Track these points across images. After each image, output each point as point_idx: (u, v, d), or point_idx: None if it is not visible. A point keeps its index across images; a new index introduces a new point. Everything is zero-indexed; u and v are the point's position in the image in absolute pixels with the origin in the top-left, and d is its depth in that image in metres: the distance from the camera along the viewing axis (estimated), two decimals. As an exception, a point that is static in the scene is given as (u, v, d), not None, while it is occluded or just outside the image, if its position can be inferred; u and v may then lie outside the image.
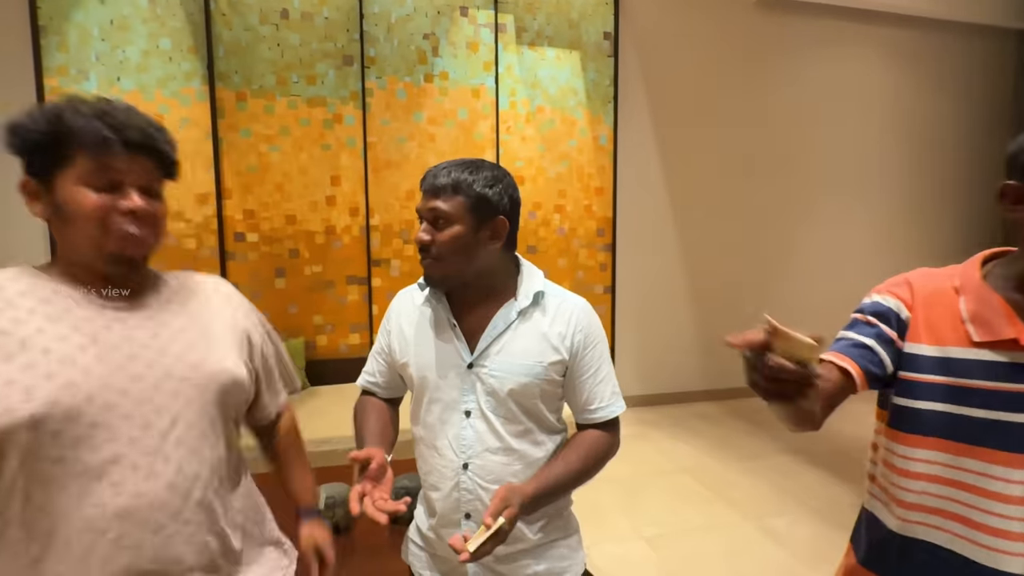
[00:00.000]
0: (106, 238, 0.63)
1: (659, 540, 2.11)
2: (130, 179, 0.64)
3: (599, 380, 0.85)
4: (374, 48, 2.92)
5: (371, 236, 3.01)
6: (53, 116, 0.62)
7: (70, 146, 0.62)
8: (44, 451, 0.56)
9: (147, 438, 0.62)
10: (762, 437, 3.15)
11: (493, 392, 0.81)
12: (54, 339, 0.59)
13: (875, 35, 3.92)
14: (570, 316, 0.84)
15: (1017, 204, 0.65)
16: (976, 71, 4.22)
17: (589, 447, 0.84)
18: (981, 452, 0.65)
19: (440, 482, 0.83)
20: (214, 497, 0.68)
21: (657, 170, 3.62)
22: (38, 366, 0.57)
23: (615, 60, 3.31)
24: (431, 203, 0.79)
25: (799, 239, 3.98)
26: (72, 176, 0.62)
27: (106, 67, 2.57)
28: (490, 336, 0.82)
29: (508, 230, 0.82)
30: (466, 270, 0.80)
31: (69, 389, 0.58)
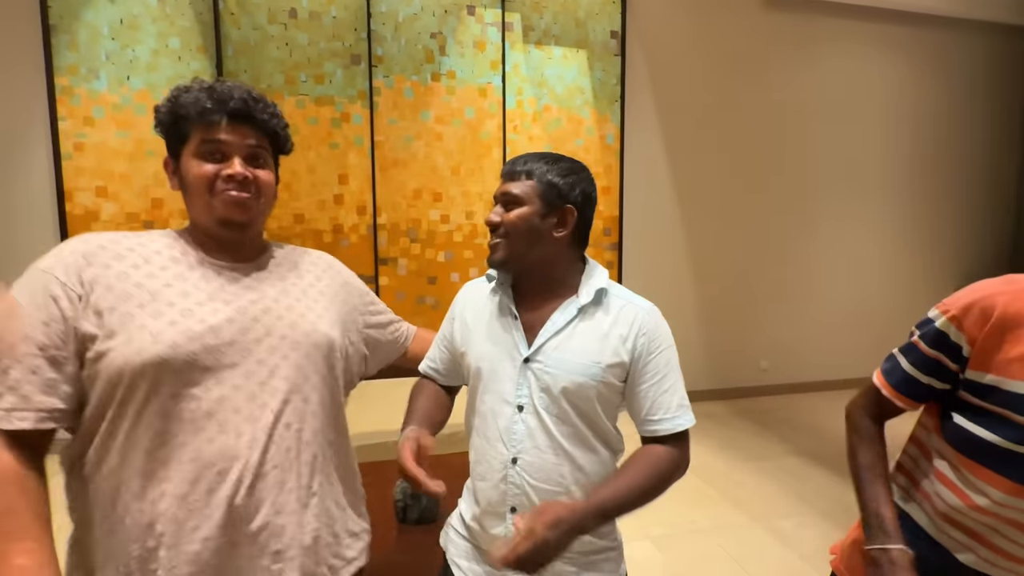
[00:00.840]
0: (213, 204, 0.71)
1: (665, 540, 2.10)
2: (234, 149, 0.72)
3: (664, 389, 0.80)
4: (381, 47, 2.93)
5: (378, 235, 3.01)
6: (173, 97, 0.72)
7: (186, 122, 0.71)
8: (165, 387, 0.64)
9: (248, 385, 0.69)
10: (769, 438, 3.13)
11: (547, 389, 0.79)
12: (178, 294, 0.68)
13: (882, 33, 3.89)
14: (634, 318, 0.81)
15: None
16: (983, 69, 4.18)
17: (653, 464, 0.78)
18: None
19: (488, 473, 0.82)
20: (306, 450, 0.73)
21: (663, 169, 3.61)
22: (164, 315, 0.66)
23: (622, 59, 3.30)
24: (505, 187, 0.82)
25: (807, 238, 3.95)
26: (190, 149, 0.71)
27: (116, 66, 2.59)
28: (549, 331, 0.80)
29: (576, 221, 0.82)
30: (529, 254, 0.81)
31: (187, 335, 0.66)
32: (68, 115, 2.55)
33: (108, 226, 2.65)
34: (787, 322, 3.92)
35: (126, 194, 2.66)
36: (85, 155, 2.60)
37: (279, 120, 0.78)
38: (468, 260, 3.13)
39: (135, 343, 0.63)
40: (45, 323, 0.62)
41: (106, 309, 0.64)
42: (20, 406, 0.61)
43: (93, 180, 2.62)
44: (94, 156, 2.61)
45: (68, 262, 0.65)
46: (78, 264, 0.65)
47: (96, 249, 0.67)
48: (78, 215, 2.61)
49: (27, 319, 0.62)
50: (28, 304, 0.63)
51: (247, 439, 0.67)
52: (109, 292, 0.64)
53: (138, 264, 0.68)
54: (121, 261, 0.67)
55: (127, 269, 0.67)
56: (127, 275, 0.66)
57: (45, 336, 0.62)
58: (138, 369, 0.63)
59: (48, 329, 0.62)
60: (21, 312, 0.62)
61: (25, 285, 0.64)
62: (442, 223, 3.08)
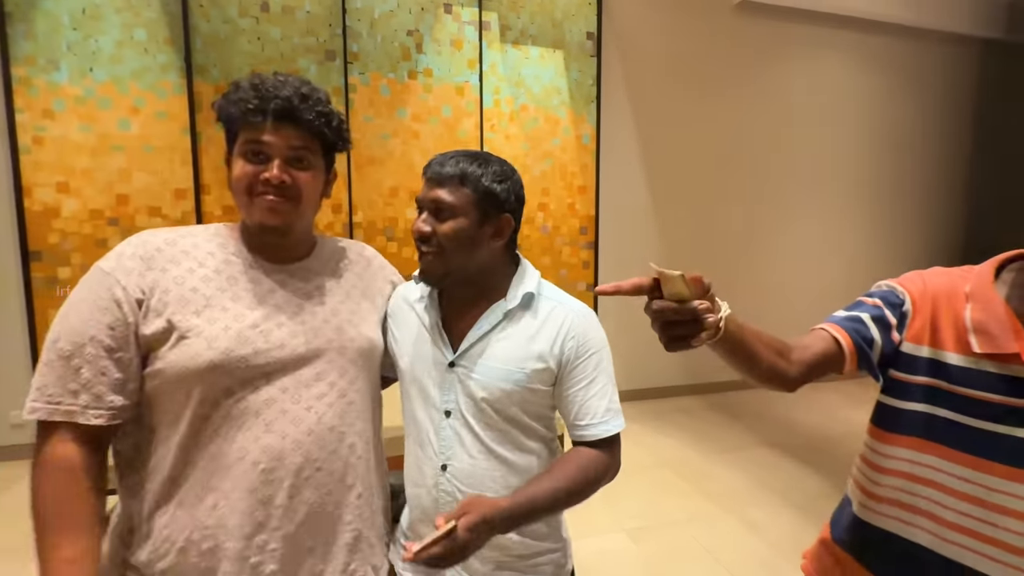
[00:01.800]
0: (251, 208, 0.72)
1: (640, 533, 2.14)
2: (275, 151, 0.70)
3: (592, 394, 0.77)
4: (357, 44, 2.90)
5: (354, 233, 2.98)
6: (226, 93, 0.71)
7: (235, 121, 0.71)
8: (219, 387, 0.67)
9: (295, 388, 0.71)
10: (740, 430, 3.22)
11: (471, 395, 0.76)
12: (230, 299, 0.70)
13: (848, 40, 4.04)
14: (563, 321, 0.78)
15: None
16: (942, 76, 4.39)
17: (579, 466, 0.75)
18: (975, 461, 0.64)
19: (421, 479, 0.80)
20: (349, 454, 0.75)
21: (638, 169, 3.67)
22: (219, 321, 0.68)
23: (598, 60, 3.34)
24: (435, 192, 0.75)
25: (775, 237, 4.08)
26: (237, 149, 0.71)
27: (78, 57, 2.49)
28: (473, 336, 0.78)
29: (512, 229, 0.79)
30: (466, 266, 0.76)
31: (239, 340, 0.68)
32: (26, 107, 2.45)
33: (70, 223, 2.55)
34: (757, 318, 4.00)
35: (89, 190, 2.57)
36: (45, 149, 2.50)
37: (329, 118, 0.74)
38: (446, 259, 3.13)
39: (192, 348, 0.66)
40: (111, 326, 0.65)
41: (167, 314, 0.67)
42: (94, 404, 0.64)
43: (53, 175, 2.52)
44: (54, 150, 2.51)
45: (129, 267, 0.67)
46: (138, 268, 0.67)
47: (154, 252, 0.69)
48: (37, 211, 2.51)
49: (94, 321, 0.64)
50: (93, 306, 0.65)
51: (291, 440, 0.70)
52: (167, 296, 0.67)
53: (193, 268, 0.70)
54: (178, 265, 0.69)
55: (183, 273, 0.69)
56: (184, 279, 0.69)
57: (111, 339, 0.65)
58: (195, 373, 0.66)
59: (114, 332, 0.65)
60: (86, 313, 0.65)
61: (89, 286, 0.67)
62: (419, 221, 3.07)
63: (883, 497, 0.72)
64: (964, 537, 0.66)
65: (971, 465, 0.64)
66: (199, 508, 0.67)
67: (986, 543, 0.65)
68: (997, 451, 0.63)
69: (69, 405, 0.63)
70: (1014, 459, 0.62)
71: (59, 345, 0.64)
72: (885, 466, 0.71)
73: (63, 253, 2.55)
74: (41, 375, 0.64)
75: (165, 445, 0.68)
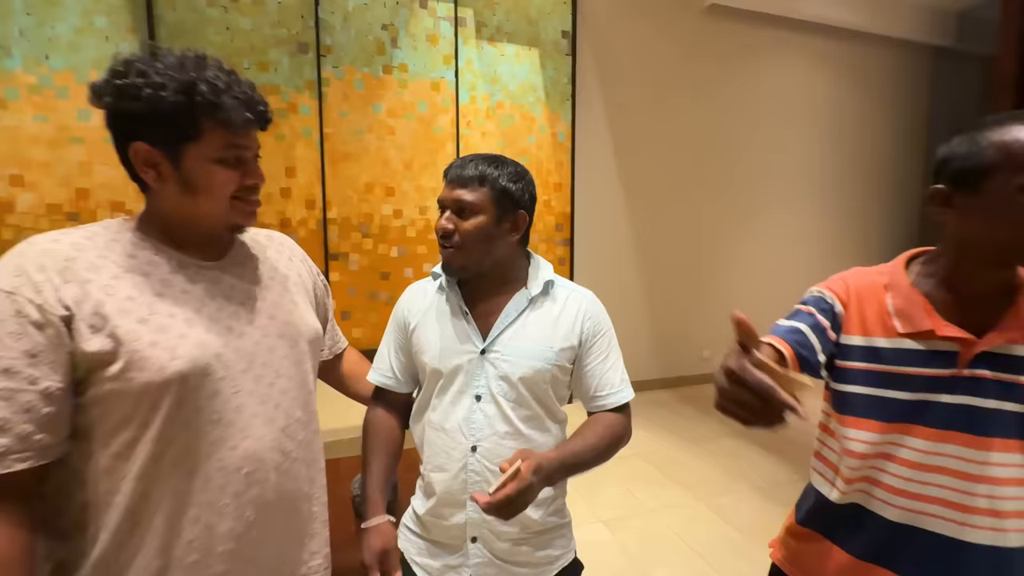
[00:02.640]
0: (233, 212, 0.68)
1: (616, 523, 2.21)
2: (250, 155, 0.69)
3: (608, 367, 0.88)
4: (330, 37, 2.85)
5: (328, 229, 2.94)
6: (187, 86, 0.61)
7: (203, 121, 0.62)
8: (187, 402, 0.63)
9: (260, 389, 0.69)
10: (710, 422, 3.34)
11: (505, 377, 0.83)
12: (171, 302, 0.64)
13: (812, 45, 4.20)
14: (579, 305, 0.88)
15: (944, 207, 0.72)
16: (897, 80, 4.61)
17: (606, 426, 0.85)
18: (909, 428, 0.73)
19: (447, 463, 0.84)
20: (313, 438, 0.78)
21: (612, 168, 3.73)
22: (170, 329, 0.63)
23: (573, 59, 3.38)
24: (456, 193, 0.83)
25: (743, 233, 4.22)
26: (203, 151, 0.63)
27: (31, 43, 2.37)
28: (503, 323, 0.85)
29: (527, 224, 0.88)
30: (485, 259, 0.85)
31: (201, 347, 0.64)
32: (-25, 96, 2.32)
33: (26, 218, 2.44)
34: (726, 313, 4.16)
35: (46, 183, 2.45)
36: (-4, 140, 2.37)
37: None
38: (422, 256, 3.11)
39: (153, 362, 0.60)
40: (30, 353, 0.56)
41: (108, 328, 0.59)
42: (18, 447, 0.55)
43: (6, 168, 2.40)
44: (7, 142, 2.38)
45: (38, 281, 0.57)
46: (52, 282, 0.58)
47: (64, 263, 0.59)
48: (-11, 206, 2.38)
49: (4, 350, 0.55)
50: (0, 334, 0.55)
51: (268, 440, 0.69)
52: (102, 308, 0.59)
53: (118, 275, 0.62)
54: (99, 272, 0.61)
55: (109, 282, 0.61)
56: (114, 288, 0.61)
57: (32, 367, 0.56)
58: (159, 388, 0.61)
59: (35, 360, 0.56)
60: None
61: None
62: (395, 218, 3.04)
63: (844, 474, 0.79)
64: (912, 501, 0.73)
65: (908, 432, 0.73)
66: (178, 527, 0.63)
67: (930, 503, 0.72)
68: (926, 417, 0.72)
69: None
70: (941, 423, 0.71)
71: None
72: (852, 449, 0.78)
73: (18, 249, 2.43)
74: None
75: (112, 477, 0.61)
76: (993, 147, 0.65)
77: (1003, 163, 0.64)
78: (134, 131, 0.63)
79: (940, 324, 0.71)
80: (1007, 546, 0.69)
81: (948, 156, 0.71)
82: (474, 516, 0.84)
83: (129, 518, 0.61)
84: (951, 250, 0.73)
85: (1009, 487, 0.68)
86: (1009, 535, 0.69)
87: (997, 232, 0.66)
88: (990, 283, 0.71)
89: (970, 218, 0.69)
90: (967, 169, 0.67)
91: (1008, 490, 0.68)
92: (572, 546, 0.94)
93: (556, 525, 0.90)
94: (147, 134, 0.62)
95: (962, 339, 0.69)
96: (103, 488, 0.61)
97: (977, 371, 0.69)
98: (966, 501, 0.70)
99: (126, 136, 0.63)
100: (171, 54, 0.63)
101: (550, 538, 0.89)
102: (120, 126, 0.63)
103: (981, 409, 0.69)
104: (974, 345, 0.69)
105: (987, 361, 0.69)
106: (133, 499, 0.61)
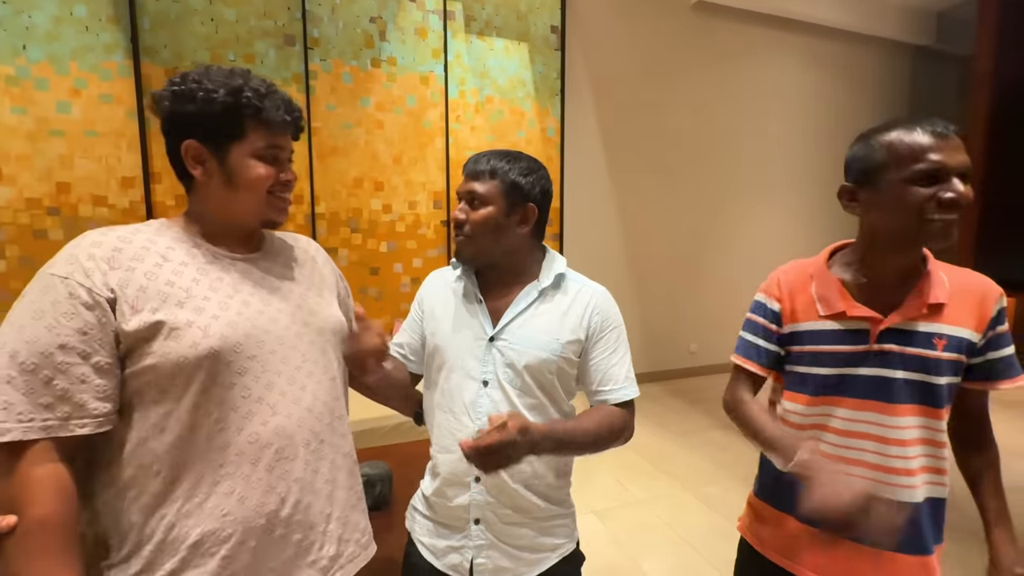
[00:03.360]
0: (268, 207, 0.74)
1: (607, 513, 2.24)
2: (285, 154, 0.76)
3: (614, 362, 0.88)
4: (318, 29, 2.82)
5: (317, 224, 2.92)
6: (235, 90, 0.69)
7: (247, 122, 0.70)
8: (220, 378, 0.67)
9: (287, 370, 0.74)
10: (697, 415, 3.39)
11: (511, 364, 0.85)
12: (208, 288, 0.70)
13: (797, 43, 4.26)
14: (589, 299, 0.89)
15: (851, 201, 0.81)
16: (879, 79, 4.70)
17: (605, 415, 0.86)
18: (835, 400, 0.82)
19: (453, 445, 0.86)
20: (340, 423, 0.81)
21: (601, 163, 3.75)
22: (205, 310, 0.68)
23: (562, 54, 3.39)
24: (469, 185, 0.86)
25: (730, 229, 4.27)
26: (246, 149, 0.71)
27: (8, 33, 2.31)
28: (512, 312, 0.87)
29: (537, 217, 0.89)
30: (494, 249, 0.87)
31: (232, 327, 0.69)
32: (-51, 86, 2.26)
33: (5, 213, 2.38)
34: (713, 308, 4.24)
35: (26, 177, 2.39)
36: (-28, 132, 2.31)
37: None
38: (411, 250, 3.10)
39: (186, 339, 0.65)
40: (82, 331, 0.62)
41: (148, 309, 0.65)
42: (77, 414, 0.61)
43: (-17, 161, 2.34)
44: (-16, 134, 2.32)
45: (89, 267, 0.64)
46: (100, 268, 0.64)
47: (112, 252, 0.66)
48: (-35, 200, 2.32)
49: (61, 328, 0.61)
50: (56, 314, 0.61)
51: (296, 419, 0.73)
52: (143, 293, 0.65)
53: (159, 263, 0.68)
54: (142, 262, 0.67)
55: (151, 269, 0.67)
56: (155, 275, 0.67)
57: (85, 344, 0.62)
58: (193, 363, 0.65)
59: (87, 337, 0.62)
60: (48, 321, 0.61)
61: (45, 294, 0.62)
62: (384, 213, 3.03)
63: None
64: (857, 468, 0.80)
65: (834, 404, 0.82)
66: (212, 498, 0.67)
67: (857, 466, 0.80)
68: (847, 389, 0.81)
69: (45, 420, 0.60)
70: (859, 393, 0.80)
71: (20, 359, 0.60)
72: (792, 421, 0.88)
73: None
74: (3, 394, 0.59)
75: (150, 449, 0.65)
76: (883, 147, 0.75)
77: (891, 161, 0.74)
78: (187, 130, 0.70)
79: (852, 305, 0.80)
80: (915, 500, 0.77)
81: (850, 157, 0.80)
82: (477, 498, 0.86)
83: (165, 489, 0.66)
84: (861, 239, 0.83)
85: (914, 447, 0.77)
86: (918, 490, 0.78)
87: (892, 220, 0.75)
88: (894, 267, 0.79)
89: (871, 210, 0.78)
90: (866, 168, 0.77)
91: (913, 449, 0.77)
92: (575, 536, 0.96)
93: (559, 513, 0.91)
94: (198, 132, 0.70)
95: (870, 318, 0.79)
96: (140, 460, 0.66)
97: (884, 346, 0.78)
98: (885, 463, 0.78)
99: (180, 135, 0.70)
100: (222, 68, 0.72)
101: (552, 525, 0.90)
102: (175, 127, 0.71)
103: (890, 379, 0.78)
104: (880, 323, 0.78)
105: (892, 336, 0.78)
106: (170, 470, 0.66)
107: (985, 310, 0.76)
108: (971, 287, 0.78)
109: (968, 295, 0.77)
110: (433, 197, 3.09)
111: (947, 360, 0.76)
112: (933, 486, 0.79)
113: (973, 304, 0.77)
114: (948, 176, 0.71)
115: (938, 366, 0.76)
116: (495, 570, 0.87)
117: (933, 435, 0.78)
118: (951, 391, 0.78)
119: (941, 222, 0.72)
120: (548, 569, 0.89)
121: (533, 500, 0.87)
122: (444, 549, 0.89)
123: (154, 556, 0.65)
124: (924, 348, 0.76)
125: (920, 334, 0.77)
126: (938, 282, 0.78)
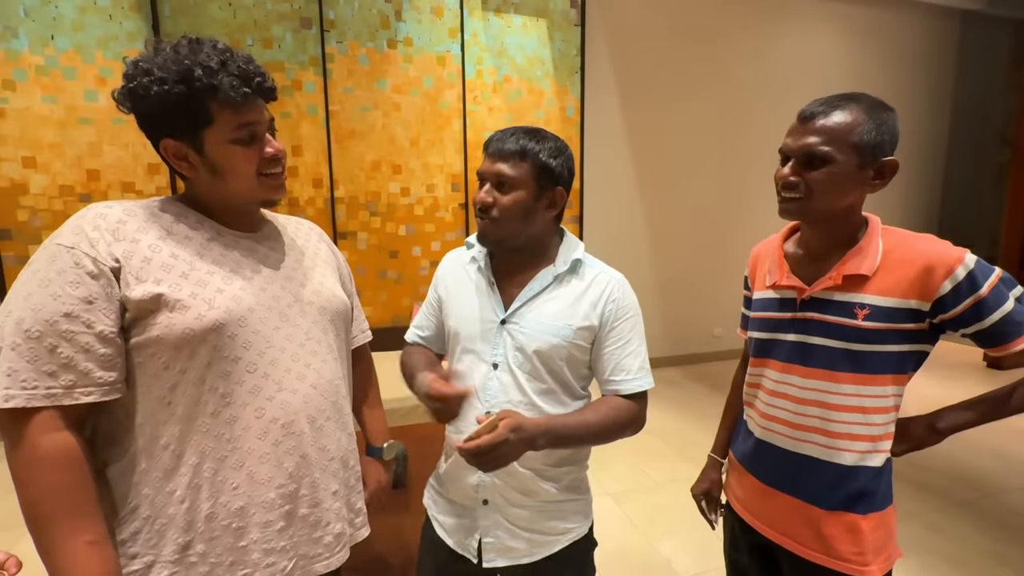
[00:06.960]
0: (261, 188, 0.72)
1: (624, 496, 2.23)
2: (262, 127, 0.71)
3: (627, 353, 0.85)
4: (333, 11, 2.80)
5: (336, 208, 2.94)
6: (185, 74, 0.64)
7: (210, 104, 0.66)
8: (225, 351, 0.67)
9: (291, 346, 0.74)
10: (719, 399, 3.32)
11: (521, 348, 0.84)
12: (211, 263, 0.70)
13: (832, 11, 4.02)
14: (605, 286, 0.86)
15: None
16: (923, 47, 4.41)
17: (611, 408, 0.83)
18: (767, 362, 0.89)
19: (464, 426, 0.86)
20: (344, 403, 0.81)
21: (623, 142, 3.66)
22: (209, 284, 0.68)
23: (582, 29, 3.29)
24: (497, 166, 0.82)
25: (759, 211, 4.12)
26: (219, 135, 0.67)
27: (37, 24, 2.37)
28: (525, 296, 0.85)
29: (564, 201, 0.86)
30: (520, 235, 0.84)
31: (236, 301, 0.69)
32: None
33: (40, 199, 2.47)
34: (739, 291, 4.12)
35: (58, 165, 2.48)
36: (7, 122, 2.40)
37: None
38: (430, 233, 3.10)
39: (192, 310, 0.65)
40: (87, 300, 0.62)
41: (151, 280, 0.65)
42: (82, 382, 0.62)
43: (18, 150, 2.43)
44: (17, 123, 2.41)
45: (94, 237, 0.64)
46: (105, 239, 0.64)
47: (116, 224, 0.66)
48: (4, 187, 2.42)
49: (66, 297, 0.61)
50: (61, 282, 0.61)
51: (301, 396, 0.73)
52: (148, 264, 0.65)
53: (163, 236, 0.68)
54: (146, 234, 0.67)
55: (155, 242, 0.67)
56: (159, 247, 0.67)
57: (89, 313, 0.62)
58: (199, 335, 0.65)
59: (92, 306, 0.62)
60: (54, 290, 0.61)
61: (50, 263, 0.62)
62: (402, 196, 3.03)
63: (752, 406, 0.95)
64: (768, 422, 0.88)
65: (766, 366, 0.89)
66: (221, 472, 0.68)
67: (775, 422, 0.87)
68: (776, 353, 0.87)
69: (48, 388, 0.60)
70: (784, 357, 0.86)
71: (25, 327, 0.60)
72: (749, 381, 0.95)
73: (33, 231, 2.48)
74: (8, 360, 0.59)
75: (157, 422, 0.66)
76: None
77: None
78: (159, 130, 0.68)
79: (783, 275, 0.87)
80: (842, 463, 0.81)
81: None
82: (486, 480, 0.86)
83: (175, 462, 0.66)
84: None
85: (839, 412, 0.80)
86: (843, 454, 0.81)
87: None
88: (817, 240, 0.84)
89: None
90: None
91: (838, 415, 0.80)
92: (588, 522, 0.93)
93: (571, 499, 0.90)
94: (169, 129, 0.67)
95: (796, 287, 0.84)
96: (149, 433, 0.66)
97: (807, 314, 0.83)
98: (799, 420, 0.84)
99: (155, 136, 0.68)
100: (168, 45, 0.66)
101: (563, 511, 0.89)
102: (146, 128, 0.68)
103: (810, 345, 0.82)
104: (803, 292, 0.83)
105: (814, 305, 0.82)
106: (178, 443, 0.66)
107: (933, 278, 0.74)
108: (914, 257, 0.76)
109: (908, 265, 0.76)
110: (451, 180, 3.07)
111: (872, 329, 0.77)
112: (861, 453, 0.81)
113: (913, 274, 0.76)
114: (788, 159, 0.79)
115: (860, 335, 0.78)
116: (503, 550, 0.87)
117: (863, 402, 0.79)
118: (899, 359, 0.78)
119: (784, 200, 0.81)
120: (557, 552, 0.89)
121: (543, 485, 0.86)
122: (455, 526, 0.90)
123: (164, 529, 0.66)
124: (844, 317, 0.79)
125: (840, 303, 0.80)
126: (867, 254, 0.79)
